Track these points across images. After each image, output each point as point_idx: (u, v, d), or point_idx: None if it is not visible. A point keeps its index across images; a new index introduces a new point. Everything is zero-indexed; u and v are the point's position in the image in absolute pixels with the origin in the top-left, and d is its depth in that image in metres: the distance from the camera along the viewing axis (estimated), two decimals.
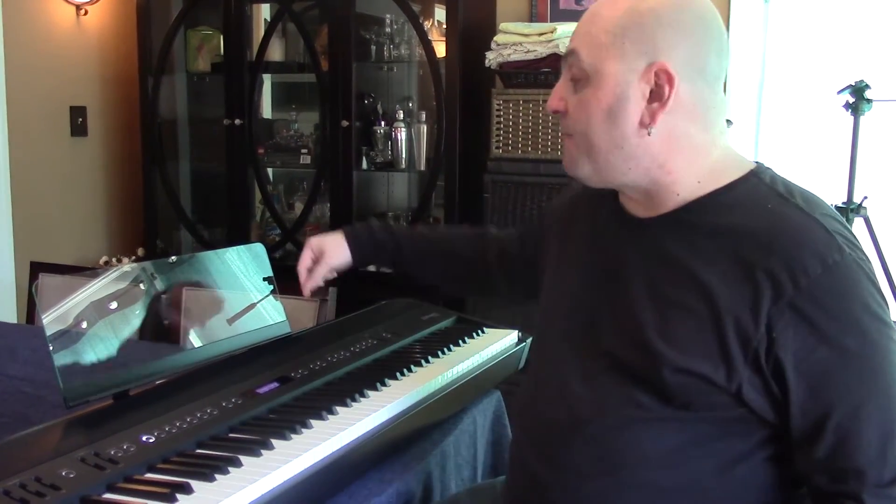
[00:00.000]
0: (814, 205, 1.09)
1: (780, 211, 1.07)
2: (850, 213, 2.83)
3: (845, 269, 1.02)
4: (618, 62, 1.10)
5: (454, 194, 3.37)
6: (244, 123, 3.69)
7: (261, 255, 1.72)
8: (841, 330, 1.01)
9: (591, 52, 1.11)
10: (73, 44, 3.82)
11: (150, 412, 1.28)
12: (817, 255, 1.02)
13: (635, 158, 1.12)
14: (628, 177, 1.14)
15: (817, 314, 1.01)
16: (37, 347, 1.94)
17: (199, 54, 3.92)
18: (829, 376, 1.02)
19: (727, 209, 1.10)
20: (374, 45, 3.58)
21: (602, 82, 1.11)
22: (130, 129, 4.01)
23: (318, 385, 1.47)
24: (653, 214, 1.16)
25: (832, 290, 1.02)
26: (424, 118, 3.55)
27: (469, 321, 1.98)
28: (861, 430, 1.01)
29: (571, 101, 1.15)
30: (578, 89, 1.14)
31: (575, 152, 1.16)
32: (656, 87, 1.09)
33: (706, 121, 1.13)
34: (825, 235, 1.04)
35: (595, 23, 1.13)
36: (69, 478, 1.07)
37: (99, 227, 4.05)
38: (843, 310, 1.02)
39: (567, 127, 1.17)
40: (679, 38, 1.09)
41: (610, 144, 1.12)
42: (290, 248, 3.77)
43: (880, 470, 1.01)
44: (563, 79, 1.17)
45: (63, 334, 1.32)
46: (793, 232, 1.04)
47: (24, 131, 3.62)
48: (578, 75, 1.13)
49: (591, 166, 1.15)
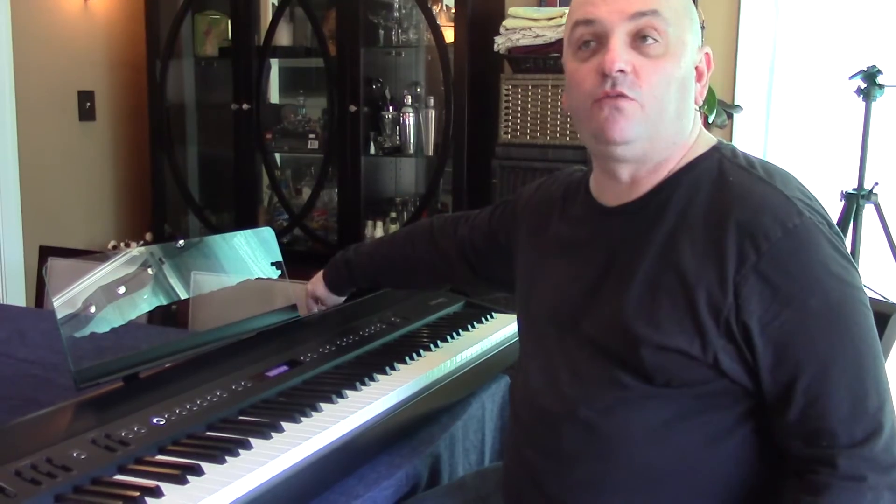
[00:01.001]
0: (774, 174, 1.11)
1: (740, 182, 1.09)
2: (860, 200, 2.81)
3: (805, 231, 1.03)
4: (691, 35, 1.14)
5: (462, 180, 3.37)
6: (252, 108, 3.68)
7: (269, 240, 1.72)
8: (803, 291, 1.02)
9: (674, 17, 1.11)
10: (81, 28, 3.82)
11: (161, 395, 1.29)
12: (777, 220, 1.03)
13: (682, 132, 1.15)
14: (666, 151, 1.14)
15: (779, 277, 1.02)
16: (46, 330, 1.95)
17: (206, 39, 3.91)
18: (794, 338, 1.03)
19: (693, 186, 1.12)
20: (383, 29, 3.57)
21: (683, 51, 1.12)
22: (138, 114, 4.01)
23: (327, 369, 1.47)
24: (624, 201, 1.17)
25: (793, 252, 1.03)
26: (433, 103, 3.54)
27: (477, 306, 1.98)
28: (830, 390, 1.02)
29: (642, 65, 1.10)
30: (651, 54, 1.10)
31: (639, 115, 1.10)
32: (704, 66, 1.16)
33: None
34: (784, 201, 1.05)
35: None
36: (80, 459, 1.07)
37: (107, 211, 4.05)
38: (805, 271, 1.03)
39: (634, 89, 1.09)
40: (696, 23, 1.16)
41: (675, 116, 1.12)
42: (297, 233, 3.77)
43: (852, 429, 1.01)
44: (622, 38, 1.10)
45: (73, 317, 1.32)
46: (753, 200, 1.06)
47: (33, 116, 3.62)
48: (655, 37, 1.09)
49: (649, 133, 1.11)
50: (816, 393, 1.02)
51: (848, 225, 2.82)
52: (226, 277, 1.62)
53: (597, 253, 1.18)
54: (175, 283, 1.51)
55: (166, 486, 1.03)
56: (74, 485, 1.03)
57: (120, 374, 1.35)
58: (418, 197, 3.69)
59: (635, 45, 1.10)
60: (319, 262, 3.52)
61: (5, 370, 1.72)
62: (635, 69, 1.09)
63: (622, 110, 1.10)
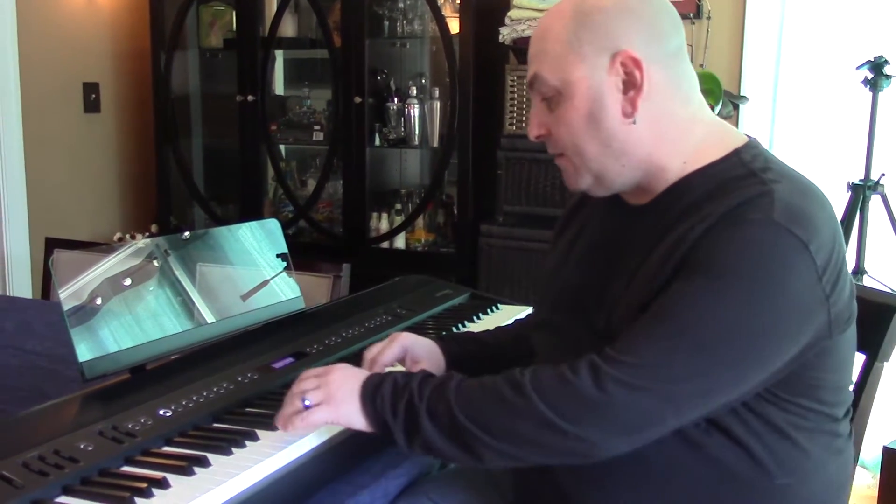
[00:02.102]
0: (785, 178, 1.09)
1: (739, 185, 1.08)
2: (867, 191, 2.80)
3: (761, 230, 1.02)
4: (582, 66, 1.12)
5: (467, 171, 3.36)
6: (257, 100, 3.68)
7: (275, 232, 1.72)
8: (703, 268, 1.03)
9: (553, 68, 1.13)
10: (85, 20, 3.81)
11: (167, 386, 1.29)
12: (741, 212, 1.04)
13: (626, 154, 1.14)
14: (625, 176, 1.16)
15: (699, 255, 1.04)
16: (52, 322, 1.95)
17: (211, 30, 3.91)
18: (665, 295, 1.05)
19: (700, 189, 1.12)
20: (388, 20, 3.56)
21: (574, 91, 1.13)
22: (143, 106, 4.01)
23: (332, 360, 1.47)
24: (646, 200, 1.19)
25: (728, 239, 1.03)
26: (437, 94, 3.53)
27: (483, 297, 1.98)
28: (642, 330, 1.05)
29: (551, 122, 1.17)
30: (553, 108, 1.16)
31: (571, 168, 1.19)
32: (627, 76, 1.11)
33: (682, 95, 1.16)
34: (765, 199, 1.04)
35: (547, 38, 1.15)
36: (87, 451, 1.07)
37: (112, 203, 4.06)
38: (721, 255, 1.03)
39: (555, 147, 1.19)
40: (631, 23, 1.12)
41: (600, 147, 1.14)
42: (302, 224, 3.77)
43: (618, 345, 1.05)
44: (535, 104, 1.19)
45: (80, 309, 1.33)
46: (733, 198, 1.06)
47: (38, 108, 3.62)
48: (549, 94, 1.15)
49: (590, 176, 1.17)
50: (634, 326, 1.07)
51: (854, 216, 2.81)
52: (231, 269, 1.62)
53: (611, 250, 1.20)
54: (181, 274, 1.51)
55: (173, 477, 1.03)
56: (82, 476, 1.03)
57: (126, 366, 1.35)
58: (423, 188, 3.69)
59: (546, 105, 1.17)
60: (324, 253, 3.53)
61: (12, 362, 1.72)
62: (548, 129, 1.17)
63: (561, 167, 1.21)
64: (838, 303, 1.08)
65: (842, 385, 1.17)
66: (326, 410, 1.13)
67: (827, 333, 1.08)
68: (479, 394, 1.08)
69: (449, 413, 1.08)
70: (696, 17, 3.16)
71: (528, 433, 1.04)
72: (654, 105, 1.12)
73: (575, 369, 1.04)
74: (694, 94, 1.17)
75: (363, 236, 3.60)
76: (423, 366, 1.34)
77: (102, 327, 1.34)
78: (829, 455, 1.15)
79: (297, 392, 1.16)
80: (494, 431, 1.06)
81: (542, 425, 1.03)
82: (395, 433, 1.11)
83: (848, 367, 1.17)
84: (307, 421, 1.13)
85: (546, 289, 1.33)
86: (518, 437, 1.05)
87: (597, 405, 1.02)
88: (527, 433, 1.04)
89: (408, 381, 1.13)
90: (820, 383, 1.12)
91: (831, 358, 1.11)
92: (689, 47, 3.10)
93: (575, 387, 1.03)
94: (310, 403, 1.14)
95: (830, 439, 1.15)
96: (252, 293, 1.63)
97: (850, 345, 1.16)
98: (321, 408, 1.13)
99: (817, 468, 1.13)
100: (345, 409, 1.14)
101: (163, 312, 1.44)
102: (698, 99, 1.18)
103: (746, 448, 1.09)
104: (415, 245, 3.63)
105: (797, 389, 1.10)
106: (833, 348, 1.11)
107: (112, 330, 1.35)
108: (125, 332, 1.36)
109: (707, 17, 3.16)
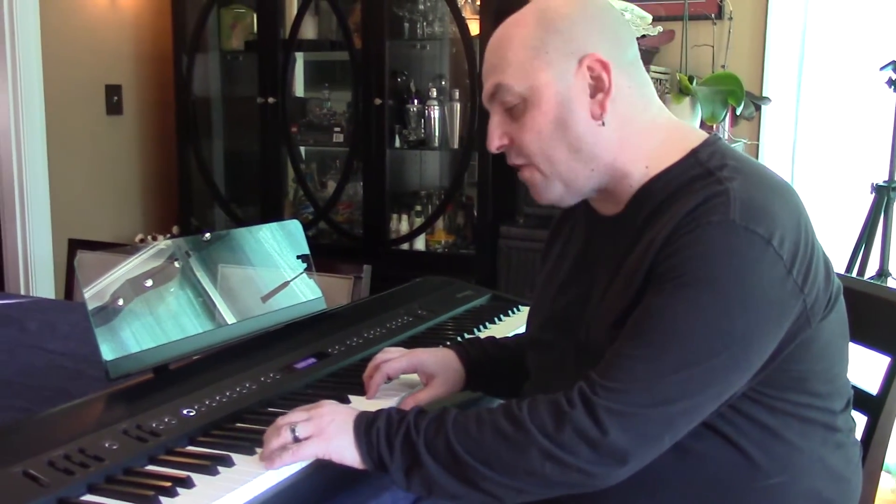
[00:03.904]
0: (741, 173, 1.08)
1: (695, 187, 1.08)
2: (891, 192, 2.77)
3: (720, 232, 1.02)
4: (549, 71, 1.12)
5: (487, 173, 3.36)
6: (277, 102, 3.69)
7: (295, 233, 1.72)
8: (671, 278, 1.03)
9: (517, 75, 1.13)
10: (108, 23, 3.84)
11: (190, 386, 1.29)
12: (698, 215, 1.03)
13: (595, 158, 1.14)
14: (593, 180, 1.16)
15: (665, 265, 1.04)
16: (75, 322, 1.97)
17: (232, 32, 3.92)
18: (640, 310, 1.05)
19: (660, 195, 1.12)
20: (408, 22, 3.56)
21: (541, 96, 1.12)
22: (165, 108, 4.04)
23: (354, 361, 1.48)
24: (616, 211, 1.19)
25: (690, 245, 1.02)
26: (457, 96, 3.53)
27: (503, 299, 1.97)
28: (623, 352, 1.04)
29: (514, 131, 1.16)
30: (517, 116, 1.15)
31: (539, 177, 1.17)
32: (594, 80, 1.12)
33: (644, 101, 1.17)
34: (720, 199, 1.04)
35: (509, 46, 1.14)
36: (112, 449, 1.08)
37: (134, 204, 4.08)
38: (686, 263, 1.02)
39: (519, 157, 1.17)
40: (596, 30, 1.13)
41: (568, 152, 1.13)
42: (322, 226, 3.78)
43: (602, 371, 1.04)
44: (495, 116, 1.17)
45: (104, 309, 1.33)
46: (690, 200, 1.06)
47: (61, 110, 3.65)
48: (513, 102, 1.14)
49: (560, 183, 1.17)
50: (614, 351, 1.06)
51: (878, 217, 2.78)
52: (252, 270, 1.63)
53: (590, 265, 1.21)
54: (202, 275, 1.52)
55: (197, 476, 1.04)
56: (107, 475, 1.04)
57: (150, 366, 1.35)
58: (443, 190, 3.69)
59: (508, 114, 1.15)
60: (344, 255, 3.54)
61: (37, 362, 1.73)
62: (511, 138, 1.15)
63: (526, 180, 1.19)
64: (813, 291, 1.07)
65: (833, 374, 1.15)
66: (317, 443, 1.08)
67: (806, 324, 1.07)
68: (478, 428, 1.06)
69: (448, 447, 1.05)
70: (718, 17, 3.14)
71: (531, 467, 1.03)
72: (618, 108, 1.13)
73: (570, 400, 1.03)
74: (654, 100, 1.18)
75: (383, 238, 3.60)
76: (437, 381, 1.34)
77: (125, 327, 1.35)
78: (828, 450, 1.14)
79: (284, 424, 1.10)
80: (496, 466, 1.04)
81: (544, 459, 1.02)
82: (391, 469, 1.07)
83: (836, 355, 1.15)
84: (297, 454, 1.07)
85: (536, 308, 1.33)
86: (521, 472, 1.04)
87: (595, 440, 1.01)
88: (530, 467, 1.03)
89: (403, 416, 1.10)
90: (807, 375, 1.10)
91: (814, 346, 1.10)
92: (710, 48, 3.11)
93: (572, 420, 1.02)
94: (300, 436, 1.09)
95: (828, 433, 1.14)
96: (272, 294, 1.64)
97: (836, 331, 1.14)
98: (312, 441, 1.08)
99: (813, 463, 1.12)
100: (336, 442, 1.09)
101: (184, 313, 1.44)
102: (657, 104, 1.19)
103: (738, 448, 1.09)
104: (434, 246, 3.63)
105: (783, 384, 1.09)
106: (813, 338, 1.09)
107: (134, 330, 1.35)
108: (147, 333, 1.37)
109: (729, 17, 3.14)
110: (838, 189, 3.13)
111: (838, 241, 2.94)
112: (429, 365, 1.35)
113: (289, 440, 1.08)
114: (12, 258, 3.63)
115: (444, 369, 1.36)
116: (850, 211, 2.99)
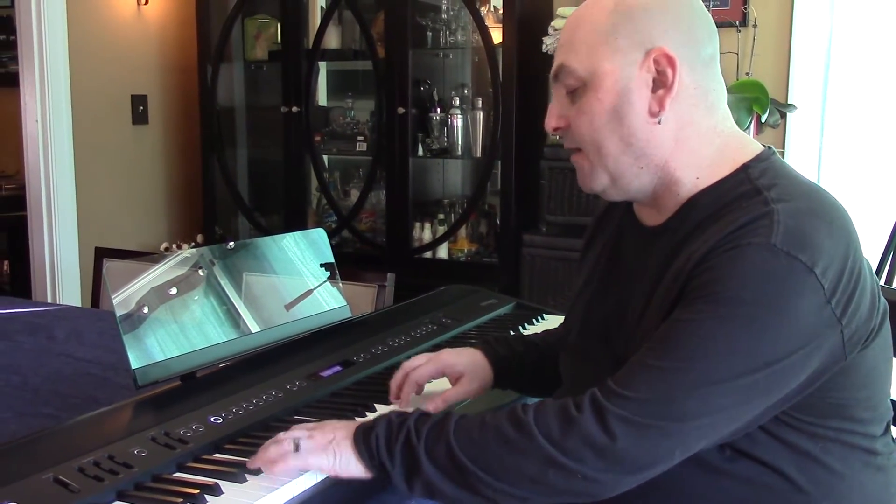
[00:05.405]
0: (791, 195, 1.04)
1: (742, 205, 1.05)
2: None
3: (760, 255, 0.98)
4: (614, 59, 1.09)
5: (510, 181, 3.36)
6: (301, 111, 3.71)
7: (319, 241, 1.73)
8: (704, 295, 1.00)
9: (583, 58, 1.10)
10: (134, 33, 3.89)
11: (217, 394, 1.30)
12: (740, 235, 1.01)
13: (646, 155, 1.11)
14: (640, 179, 1.13)
15: (699, 281, 1.01)
16: (103, 330, 1.98)
17: (256, 42, 3.96)
18: (667, 323, 1.03)
19: (707, 209, 1.09)
20: (431, 31, 3.58)
21: (601, 83, 1.10)
22: (190, 117, 4.07)
23: (379, 369, 1.48)
24: (659, 221, 1.16)
25: (728, 264, 1.00)
26: (480, 105, 3.54)
27: (528, 307, 1.97)
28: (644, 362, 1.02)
29: (571, 114, 1.14)
30: (576, 99, 1.12)
31: (587, 165, 1.15)
32: (658, 74, 1.09)
33: (708, 104, 1.12)
34: (764, 221, 1.00)
35: (581, 27, 1.12)
36: (141, 456, 1.09)
37: (159, 213, 4.12)
38: (722, 282, 0.99)
39: (573, 141, 1.15)
40: (671, 23, 1.09)
41: (620, 144, 1.11)
42: (345, 234, 3.80)
43: (620, 379, 1.02)
44: (557, 97, 1.16)
45: (132, 317, 1.34)
46: (735, 219, 1.03)
47: (88, 120, 3.70)
48: (574, 85, 1.12)
49: (606, 175, 1.14)
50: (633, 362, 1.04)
51: None
52: (277, 278, 1.63)
53: (630, 275, 1.18)
54: (226, 284, 1.52)
55: (225, 483, 1.04)
56: (136, 482, 1.04)
57: (178, 374, 1.36)
58: (466, 198, 3.69)
59: (569, 97, 1.14)
60: (367, 263, 3.55)
61: (65, 369, 1.75)
62: (568, 121, 1.14)
63: (576, 164, 1.17)
64: (853, 322, 1.02)
65: (876, 401, 1.11)
66: (321, 457, 1.07)
67: (841, 356, 1.03)
68: (480, 432, 1.04)
69: (449, 453, 1.03)
70: (743, 24, 3.13)
71: (533, 473, 1.00)
72: (680, 108, 1.10)
73: (579, 406, 1.01)
74: (720, 105, 1.14)
75: (406, 246, 3.61)
76: (465, 379, 1.33)
77: (152, 336, 1.35)
78: (868, 474, 1.11)
79: (286, 437, 1.09)
80: (498, 472, 1.01)
81: (547, 465, 1.00)
82: (392, 475, 1.05)
83: (880, 382, 1.12)
84: (298, 462, 1.06)
85: (573, 312, 1.31)
86: (523, 478, 1.01)
87: (603, 446, 0.98)
88: (532, 473, 1.00)
89: (403, 421, 1.08)
90: (849, 402, 1.07)
91: (855, 375, 1.06)
92: (735, 55, 3.10)
93: (580, 425, 0.99)
94: (303, 448, 1.07)
95: (868, 457, 1.11)
96: (296, 302, 1.64)
97: (880, 356, 1.11)
98: (315, 453, 1.07)
99: (852, 489, 1.09)
100: (339, 454, 1.07)
101: (209, 321, 1.45)
102: (723, 111, 1.15)
103: (778, 472, 1.06)
104: (457, 255, 3.63)
105: (823, 411, 1.06)
106: (855, 366, 1.06)
107: (160, 338, 1.36)
108: (172, 341, 1.38)
109: (753, 24, 3.13)
110: (865, 197, 3.10)
111: (865, 250, 2.91)
112: (455, 364, 1.34)
113: (289, 450, 1.07)
114: (40, 266, 3.68)
115: (472, 367, 1.35)
116: (877, 219, 2.96)
